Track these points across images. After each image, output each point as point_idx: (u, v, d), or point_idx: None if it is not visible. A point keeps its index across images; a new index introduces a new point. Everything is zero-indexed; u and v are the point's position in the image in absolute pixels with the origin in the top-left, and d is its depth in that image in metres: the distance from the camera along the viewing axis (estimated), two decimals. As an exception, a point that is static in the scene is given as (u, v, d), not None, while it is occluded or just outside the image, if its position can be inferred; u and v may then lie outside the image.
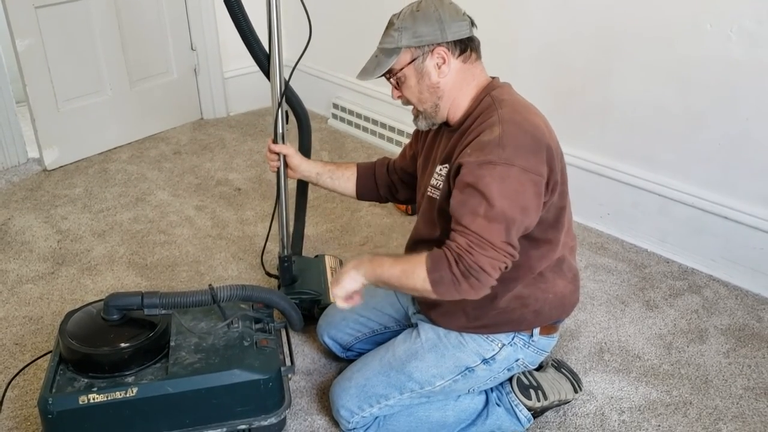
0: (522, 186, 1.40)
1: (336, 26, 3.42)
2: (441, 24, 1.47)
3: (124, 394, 1.47)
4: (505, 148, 1.40)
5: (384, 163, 1.93)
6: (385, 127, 3.33)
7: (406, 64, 1.51)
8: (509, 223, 1.39)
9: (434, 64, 1.50)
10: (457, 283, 1.40)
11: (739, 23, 2.08)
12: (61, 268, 2.42)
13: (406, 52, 1.49)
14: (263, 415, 1.57)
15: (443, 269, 1.40)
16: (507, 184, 1.39)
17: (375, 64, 1.53)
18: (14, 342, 2.05)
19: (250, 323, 1.68)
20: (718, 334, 2.10)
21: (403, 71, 1.52)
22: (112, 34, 3.17)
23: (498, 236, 1.38)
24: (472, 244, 1.39)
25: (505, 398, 1.73)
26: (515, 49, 2.65)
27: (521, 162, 1.40)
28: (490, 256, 1.38)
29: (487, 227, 1.38)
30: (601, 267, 2.43)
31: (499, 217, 1.38)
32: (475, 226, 1.39)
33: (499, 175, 1.38)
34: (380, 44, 1.53)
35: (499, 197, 1.38)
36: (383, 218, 2.74)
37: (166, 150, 3.35)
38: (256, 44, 1.81)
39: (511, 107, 1.48)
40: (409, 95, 1.56)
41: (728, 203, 2.27)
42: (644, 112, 2.39)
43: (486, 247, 1.38)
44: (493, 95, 1.51)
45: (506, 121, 1.44)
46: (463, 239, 1.40)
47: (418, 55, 1.49)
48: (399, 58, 1.50)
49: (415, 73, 1.52)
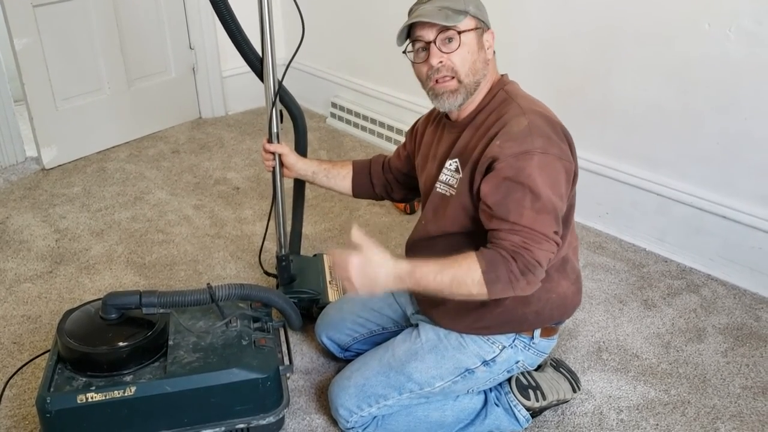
0: (558, 174, 1.41)
1: (334, 25, 3.42)
2: (485, 13, 1.53)
3: (122, 393, 1.47)
4: (538, 138, 1.40)
5: (379, 161, 1.93)
6: (384, 126, 3.33)
7: (472, 29, 1.48)
8: (557, 211, 1.40)
9: (488, 42, 1.52)
10: (515, 280, 1.37)
11: (738, 23, 2.08)
12: (60, 267, 2.41)
13: (471, 19, 1.48)
14: (262, 414, 1.57)
15: (500, 269, 1.37)
16: (547, 172, 1.39)
17: (444, 15, 1.44)
18: (12, 341, 2.05)
19: (249, 322, 1.68)
20: (716, 334, 2.10)
21: (468, 33, 1.47)
22: (110, 33, 3.17)
23: (549, 227, 1.38)
24: (527, 239, 1.37)
25: (504, 398, 1.73)
26: (514, 48, 2.65)
27: (554, 150, 1.41)
28: (545, 249, 1.38)
29: (538, 219, 1.37)
30: (599, 266, 2.43)
31: (548, 207, 1.38)
32: (525, 220, 1.37)
33: (537, 164, 1.38)
34: (442, 2, 1.46)
35: (543, 187, 1.37)
36: (382, 217, 2.74)
37: (164, 149, 3.35)
38: (246, 45, 1.81)
39: (529, 101, 1.51)
40: (461, 61, 1.47)
41: (727, 203, 2.28)
42: (643, 111, 2.39)
43: (540, 240, 1.37)
44: (508, 90, 1.53)
45: (530, 112, 1.45)
46: (517, 237, 1.37)
47: (480, 26, 1.50)
48: (466, 20, 1.47)
49: (476, 41, 1.49)
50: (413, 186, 1.83)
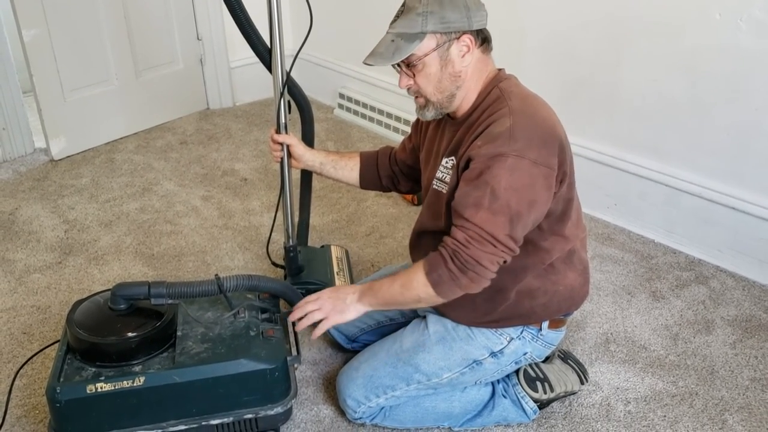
0: (532, 179, 1.39)
1: (342, 16, 3.41)
2: (468, 11, 1.44)
3: (131, 383, 1.47)
4: (517, 140, 1.38)
5: (386, 152, 1.92)
6: (391, 117, 3.32)
7: (430, 50, 1.45)
8: (514, 216, 1.38)
9: (459, 52, 1.46)
10: (456, 278, 1.40)
11: (749, 12, 2.06)
12: (69, 257, 2.43)
13: (431, 37, 1.44)
14: (269, 404, 1.57)
15: (441, 269, 1.41)
16: (517, 176, 1.38)
17: (393, 49, 1.44)
18: (22, 331, 2.06)
19: (257, 313, 1.68)
20: (724, 325, 2.09)
21: (425, 58, 1.46)
22: (118, 24, 3.17)
23: (501, 229, 1.37)
24: (470, 238, 1.38)
25: (512, 390, 1.73)
26: (523, 38, 2.64)
27: (532, 154, 1.38)
28: (488, 251, 1.38)
29: (491, 220, 1.37)
30: (607, 257, 2.43)
31: (504, 210, 1.37)
32: (477, 218, 1.38)
33: (509, 166, 1.37)
34: (397, 29, 1.45)
35: (506, 189, 1.36)
36: (389, 208, 2.73)
37: (172, 140, 3.35)
38: (255, 35, 1.81)
39: (521, 99, 1.47)
40: (425, 83, 1.50)
41: (736, 194, 2.26)
42: (652, 101, 2.38)
43: (485, 241, 1.38)
44: (502, 87, 1.50)
45: (517, 113, 1.42)
46: (461, 234, 1.39)
47: (444, 42, 1.45)
48: (422, 44, 1.44)
49: (438, 60, 1.46)
50: (419, 178, 1.83)
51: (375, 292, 1.54)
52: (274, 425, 1.62)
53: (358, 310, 1.56)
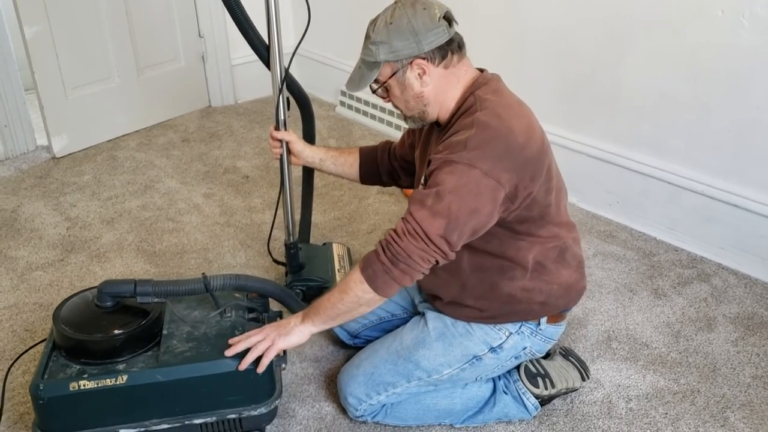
0: (478, 188, 1.39)
1: (343, 13, 3.40)
2: (416, 36, 1.44)
3: (114, 381, 1.47)
4: (471, 150, 1.40)
5: (385, 148, 1.93)
6: (393, 114, 3.32)
7: (388, 77, 1.51)
8: (452, 220, 1.39)
9: (415, 76, 1.49)
10: (388, 271, 1.42)
11: (751, 9, 2.05)
12: (71, 255, 2.43)
13: (386, 65, 1.49)
14: (253, 404, 1.57)
15: (374, 263, 1.44)
16: (462, 183, 1.39)
17: (359, 76, 1.54)
18: (25, 328, 2.07)
19: (244, 313, 1.67)
20: (726, 323, 2.09)
21: (387, 83, 1.52)
22: (120, 21, 3.17)
23: (436, 230, 1.39)
24: (407, 231, 1.41)
25: (513, 386, 1.73)
26: (524, 36, 2.63)
27: (484, 165, 1.39)
28: (419, 247, 1.40)
29: (429, 219, 1.39)
30: (609, 255, 2.42)
31: (443, 212, 1.39)
32: (418, 215, 1.40)
33: (457, 173, 1.39)
34: (362, 55, 1.53)
35: (449, 193, 1.39)
36: (391, 206, 2.73)
37: (174, 137, 3.35)
38: (252, 32, 1.81)
39: (491, 109, 1.45)
40: (397, 102, 1.57)
41: (738, 191, 2.26)
42: (654, 99, 2.37)
43: (419, 237, 1.40)
44: (477, 95, 1.49)
45: (480, 125, 1.42)
46: (400, 226, 1.42)
47: (398, 69, 1.49)
48: (381, 71, 1.50)
49: (398, 84, 1.51)
50: None
51: (317, 308, 1.53)
52: (259, 425, 1.61)
53: (303, 331, 1.53)
